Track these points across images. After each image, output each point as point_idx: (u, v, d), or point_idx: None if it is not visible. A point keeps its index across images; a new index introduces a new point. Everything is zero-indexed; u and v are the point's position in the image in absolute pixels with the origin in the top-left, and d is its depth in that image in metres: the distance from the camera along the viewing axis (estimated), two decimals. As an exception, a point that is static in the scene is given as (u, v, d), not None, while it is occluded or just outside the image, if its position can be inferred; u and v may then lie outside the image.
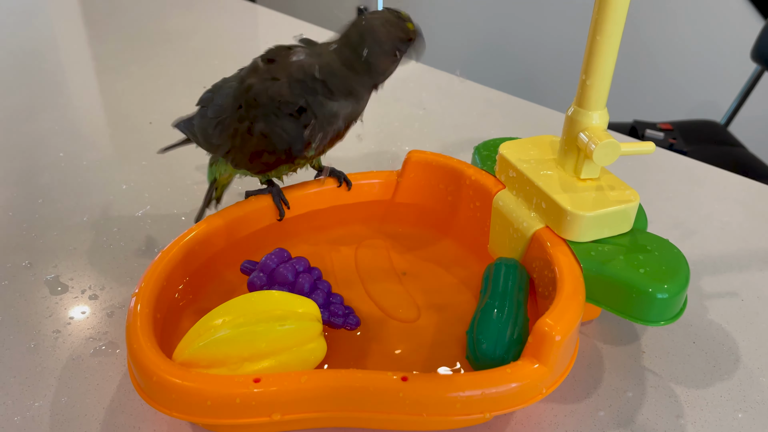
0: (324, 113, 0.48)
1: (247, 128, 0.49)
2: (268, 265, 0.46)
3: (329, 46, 0.48)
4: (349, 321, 0.46)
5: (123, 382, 0.45)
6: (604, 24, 0.42)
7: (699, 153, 1.39)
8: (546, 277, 0.46)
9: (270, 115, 0.48)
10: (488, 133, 0.81)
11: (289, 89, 0.47)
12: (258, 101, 0.48)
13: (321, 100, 0.48)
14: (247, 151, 0.50)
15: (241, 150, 0.50)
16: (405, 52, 0.48)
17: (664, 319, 0.43)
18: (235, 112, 0.49)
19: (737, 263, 0.58)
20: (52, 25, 1.20)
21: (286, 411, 0.37)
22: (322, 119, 0.48)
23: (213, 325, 0.40)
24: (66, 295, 0.53)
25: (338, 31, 0.49)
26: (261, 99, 0.48)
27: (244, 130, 0.49)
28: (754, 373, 0.47)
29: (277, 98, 0.47)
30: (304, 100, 0.47)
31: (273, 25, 1.19)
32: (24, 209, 0.64)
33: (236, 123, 0.49)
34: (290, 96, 0.47)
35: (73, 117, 0.84)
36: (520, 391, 0.38)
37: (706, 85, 1.94)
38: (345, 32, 0.48)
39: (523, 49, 2.34)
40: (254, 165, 0.51)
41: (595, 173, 0.48)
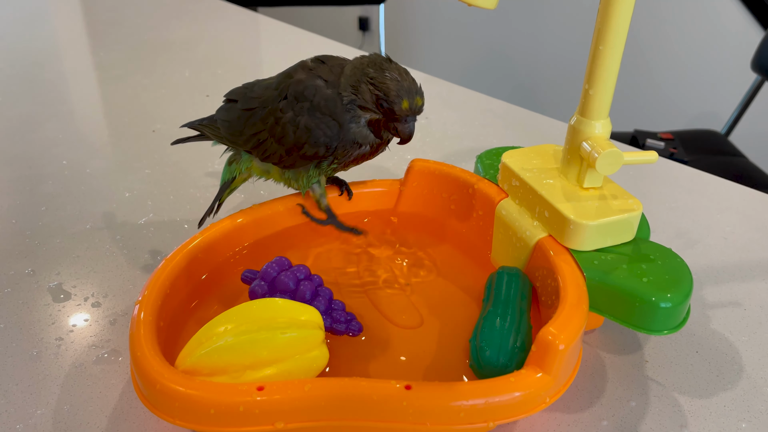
0: (346, 131, 0.49)
1: (291, 119, 0.49)
2: (269, 273, 0.47)
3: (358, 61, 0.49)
4: (351, 327, 0.46)
5: (126, 389, 0.45)
6: (607, 34, 0.42)
7: (699, 162, 1.39)
8: (549, 286, 0.46)
9: (315, 111, 0.48)
10: (490, 143, 0.81)
11: (325, 102, 0.48)
12: (306, 96, 0.48)
13: (346, 117, 0.49)
14: (287, 141, 0.50)
15: (279, 140, 0.50)
16: (385, 113, 0.48)
17: (668, 329, 0.43)
18: (278, 102, 0.50)
19: (740, 273, 0.58)
20: (56, 34, 1.21)
21: (289, 419, 0.37)
22: (348, 134, 0.49)
23: (215, 332, 0.40)
24: (69, 303, 0.53)
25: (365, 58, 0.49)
26: (308, 94, 0.48)
27: (287, 120, 0.49)
28: (757, 383, 0.47)
29: (322, 104, 0.48)
30: (337, 117, 0.48)
31: (275, 34, 1.20)
32: (27, 217, 0.64)
33: (279, 113, 0.49)
34: (326, 109, 0.48)
35: (77, 125, 0.84)
36: (523, 400, 0.38)
37: (706, 95, 1.95)
38: (373, 58, 0.48)
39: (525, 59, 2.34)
40: (290, 158, 0.50)
41: (598, 182, 0.48)
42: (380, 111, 0.48)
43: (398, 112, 0.47)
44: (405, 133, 0.48)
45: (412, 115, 0.48)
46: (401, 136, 0.48)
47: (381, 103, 0.47)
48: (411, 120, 0.48)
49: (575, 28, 2.13)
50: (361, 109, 0.48)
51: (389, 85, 0.47)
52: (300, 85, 0.49)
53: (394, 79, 0.47)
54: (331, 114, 0.48)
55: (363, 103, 0.48)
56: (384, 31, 2.58)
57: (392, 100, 0.47)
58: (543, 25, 2.24)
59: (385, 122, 0.48)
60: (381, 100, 0.47)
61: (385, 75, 0.47)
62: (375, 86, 0.47)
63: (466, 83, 0.99)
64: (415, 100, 0.47)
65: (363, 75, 0.47)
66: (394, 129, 0.49)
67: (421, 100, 0.48)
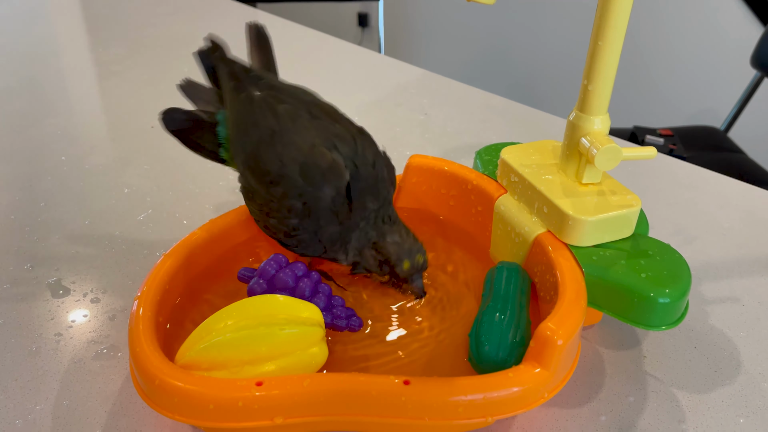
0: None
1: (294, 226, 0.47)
2: (267, 271, 0.46)
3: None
4: (352, 323, 0.46)
5: (125, 385, 0.45)
6: (606, 29, 0.42)
7: (699, 159, 1.39)
8: (548, 281, 0.46)
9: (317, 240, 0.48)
10: (490, 139, 0.81)
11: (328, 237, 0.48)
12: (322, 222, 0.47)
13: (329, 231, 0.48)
14: (270, 226, 0.49)
15: (266, 214, 0.48)
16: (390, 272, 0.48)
17: (666, 324, 0.43)
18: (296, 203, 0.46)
19: (738, 269, 0.58)
20: (55, 30, 1.21)
21: (288, 414, 0.37)
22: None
23: (215, 328, 0.40)
24: (68, 299, 0.53)
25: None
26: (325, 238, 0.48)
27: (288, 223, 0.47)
28: (755, 378, 0.47)
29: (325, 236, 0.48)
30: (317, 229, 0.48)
31: (274, 30, 1.20)
32: (26, 213, 0.64)
33: (287, 211, 0.47)
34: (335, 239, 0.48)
35: (75, 121, 0.84)
36: (521, 395, 0.38)
37: (706, 92, 1.95)
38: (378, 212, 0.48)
39: (525, 55, 2.34)
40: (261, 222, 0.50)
41: (597, 178, 0.48)
42: (384, 273, 0.49)
43: (401, 274, 0.48)
44: (416, 291, 0.49)
45: (417, 273, 0.49)
46: (413, 293, 0.50)
47: (383, 267, 0.48)
48: (417, 277, 0.49)
49: (575, 24, 2.13)
50: (367, 271, 0.49)
51: (389, 249, 0.47)
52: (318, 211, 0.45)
53: (394, 243, 0.47)
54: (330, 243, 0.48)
55: (368, 266, 0.49)
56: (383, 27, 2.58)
57: (393, 263, 0.47)
58: (543, 21, 2.24)
59: (393, 282, 0.49)
60: (383, 264, 0.48)
61: (386, 239, 0.47)
62: (377, 251, 0.48)
63: (465, 79, 0.99)
64: (415, 259, 0.48)
65: (366, 239, 0.48)
66: (403, 288, 0.50)
67: (423, 257, 0.48)
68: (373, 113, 0.87)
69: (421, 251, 0.48)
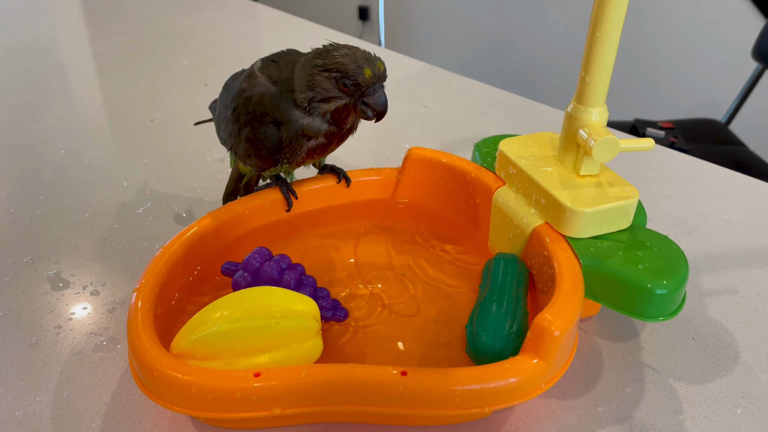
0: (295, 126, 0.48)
1: (238, 131, 0.50)
2: (251, 264, 0.46)
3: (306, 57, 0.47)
4: (337, 313, 0.47)
5: (124, 377, 0.45)
6: (603, 21, 0.42)
7: (700, 151, 1.39)
8: (545, 273, 0.46)
9: (255, 122, 0.48)
10: (489, 131, 0.81)
11: (270, 100, 0.47)
12: (246, 108, 0.48)
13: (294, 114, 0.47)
14: (239, 152, 0.51)
15: (236, 150, 0.52)
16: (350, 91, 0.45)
17: (663, 315, 0.43)
18: (231, 113, 0.50)
19: (737, 260, 0.58)
20: (55, 24, 1.21)
21: (285, 405, 0.37)
22: (294, 132, 0.48)
23: (211, 318, 0.40)
24: (67, 291, 0.53)
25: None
26: (248, 107, 0.48)
27: (236, 132, 0.50)
28: (753, 370, 0.47)
29: (258, 108, 0.48)
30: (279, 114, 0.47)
31: (274, 23, 1.20)
32: (26, 206, 0.64)
33: (231, 124, 0.51)
34: (270, 107, 0.48)
35: (75, 115, 0.84)
36: (519, 385, 0.38)
37: (707, 84, 1.94)
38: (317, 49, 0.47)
39: (525, 48, 2.34)
40: (250, 164, 0.52)
41: (595, 170, 0.48)
42: (345, 92, 0.45)
43: (363, 83, 0.45)
44: (378, 104, 0.46)
45: (379, 83, 0.46)
46: (375, 108, 0.46)
47: (343, 82, 0.45)
48: (379, 88, 0.46)
49: (575, 16, 2.12)
50: (325, 102, 0.46)
51: (343, 61, 0.45)
52: (241, 97, 0.49)
53: (345, 55, 0.45)
54: (272, 112, 0.47)
55: (324, 94, 0.46)
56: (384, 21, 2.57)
57: (352, 75, 0.44)
58: (543, 13, 2.23)
59: (353, 105, 0.46)
60: (342, 80, 0.45)
61: (335, 55, 0.45)
62: (329, 71, 0.45)
63: (465, 72, 0.99)
64: (376, 66, 0.45)
65: (313, 68, 0.46)
66: (364, 107, 0.46)
67: (383, 64, 0.46)
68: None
69: (379, 59, 0.45)
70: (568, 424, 0.42)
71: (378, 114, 0.47)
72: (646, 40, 1.99)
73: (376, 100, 0.46)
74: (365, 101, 0.46)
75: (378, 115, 0.47)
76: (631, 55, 1.99)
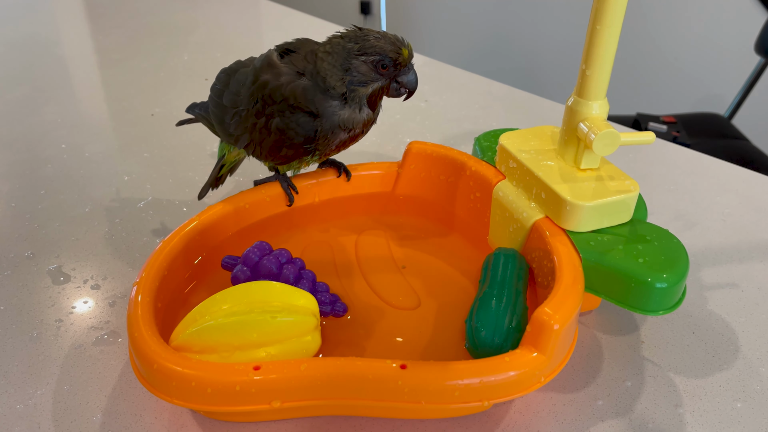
0: (332, 120, 0.49)
1: (265, 123, 0.49)
2: (251, 258, 0.46)
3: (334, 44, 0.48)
4: (336, 308, 0.47)
5: (125, 370, 0.46)
6: (603, 13, 0.42)
7: (702, 146, 1.38)
8: (545, 267, 0.46)
9: (285, 111, 0.48)
10: (490, 125, 0.81)
11: (303, 93, 0.48)
12: (273, 99, 0.48)
13: (331, 106, 0.48)
14: (266, 145, 0.50)
15: (260, 144, 0.51)
16: (388, 72, 0.48)
17: (663, 309, 0.43)
18: (252, 107, 0.50)
19: (738, 254, 0.58)
20: (55, 18, 1.21)
21: (285, 398, 0.37)
22: (330, 125, 0.49)
23: (209, 311, 0.40)
24: (68, 285, 0.53)
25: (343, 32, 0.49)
26: (276, 97, 0.48)
27: (262, 125, 0.49)
28: (753, 363, 0.47)
29: (291, 100, 0.48)
30: (315, 106, 0.48)
31: (275, 17, 1.19)
32: (27, 200, 0.65)
33: (254, 118, 0.50)
34: (303, 100, 0.48)
35: (76, 109, 0.84)
36: (518, 379, 0.38)
37: (709, 79, 1.94)
38: (343, 34, 0.48)
39: (526, 42, 2.33)
40: (275, 159, 0.51)
41: (595, 163, 0.48)
42: (383, 73, 0.48)
43: (402, 62, 0.47)
44: (411, 82, 0.49)
45: (410, 63, 0.48)
46: (408, 86, 0.49)
47: (382, 64, 0.47)
48: (411, 67, 0.48)
49: (576, 10, 2.11)
50: (362, 85, 0.48)
51: (381, 45, 0.47)
52: (266, 89, 0.48)
53: (380, 38, 0.47)
54: (307, 105, 0.48)
55: (361, 78, 0.47)
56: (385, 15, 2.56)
57: (393, 56, 0.47)
58: (544, 7, 2.22)
59: (387, 87, 0.49)
60: (381, 62, 0.47)
61: (370, 39, 0.47)
62: (366, 54, 0.47)
63: (467, 66, 0.99)
64: (408, 46, 0.48)
65: (348, 53, 0.47)
66: (396, 85, 0.49)
67: (411, 45, 0.49)
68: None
69: (406, 40, 0.48)
70: (568, 418, 0.42)
71: (409, 92, 0.50)
72: (648, 35, 1.98)
73: (409, 79, 0.49)
74: (398, 80, 0.49)
75: (409, 92, 0.50)
76: (633, 49, 1.98)
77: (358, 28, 0.48)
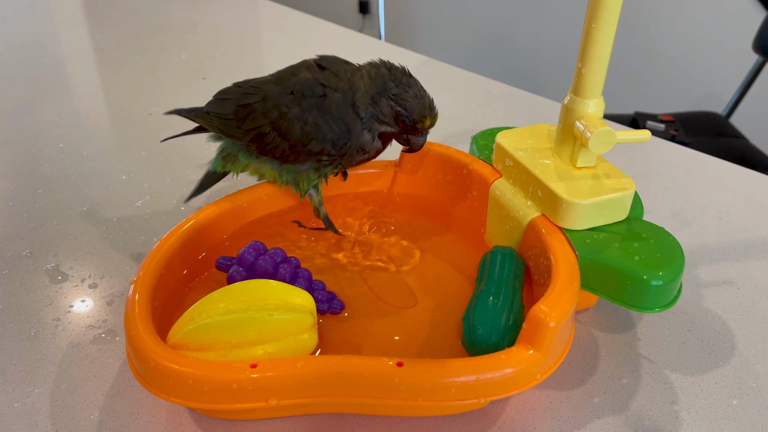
0: (356, 141, 0.50)
1: (298, 115, 0.49)
2: (246, 258, 0.47)
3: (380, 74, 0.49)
4: (333, 306, 0.47)
5: (122, 369, 0.46)
6: (599, 12, 0.42)
7: (700, 144, 1.39)
8: (542, 264, 0.46)
9: (324, 111, 0.49)
10: (488, 124, 0.81)
11: (338, 107, 0.49)
12: (315, 93, 0.49)
13: (357, 126, 0.49)
14: (292, 136, 0.49)
15: (283, 135, 0.50)
16: (404, 127, 0.49)
17: (659, 306, 0.43)
18: (283, 98, 0.49)
19: (735, 252, 0.58)
20: (53, 16, 1.20)
21: (282, 396, 0.38)
22: (357, 141, 0.50)
23: (206, 309, 0.40)
24: (66, 284, 0.53)
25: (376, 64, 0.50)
26: (318, 91, 0.49)
27: (294, 116, 0.49)
28: (749, 361, 0.47)
29: (332, 106, 0.49)
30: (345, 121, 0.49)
31: (273, 17, 1.20)
32: (24, 199, 0.65)
33: (285, 108, 0.49)
34: (337, 111, 0.49)
35: (74, 108, 0.84)
36: (514, 376, 0.38)
37: (707, 77, 1.94)
38: (393, 68, 0.49)
39: (523, 41, 2.33)
40: (293, 153, 0.50)
41: (591, 162, 0.48)
42: (399, 126, 0.49)
43: (420, 128, 0.49)
44: (417, 145, 0.50)
45: (427, 130, 0.50)
46: (414, 146, 0.50)
47: (403, 119, 0.48)
48: (425, 134, 0.50)
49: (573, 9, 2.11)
50: (378, 122, 0.49)
51: (413, 104, 0.48)
52: (307, 83, 0.49)
53: (416, 97, 0.48)
54: (341, 118, 0.49)
55: (381, 117, 0.49)
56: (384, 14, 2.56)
57: (416, 119, 0.48)
58: (541, 6, 2.22)
59: (398, 134, 0.50)
60: (403, 117, 0.48)
61: (408, 93, 0.48)
62: (397, 103, 0.48)
63: (464, 65, 0.99)
64: (434, 117, 0.49)
65: (384, 90, 0.48)
66: (406, 140, 0.51)
67: (437, 116, 0.50)
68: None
69: (436, 110, 0.49)
70: (564, 415, 0.43)
71: (412, 151, 0.52)
72: (646, 33, 1.98)
73: (418, 141, 0.51)
74: (408, 137, 0.51)
75: (412, 151, 0.52)
76: (631, 48, 1.99)
77: (409, 74, 0.49)
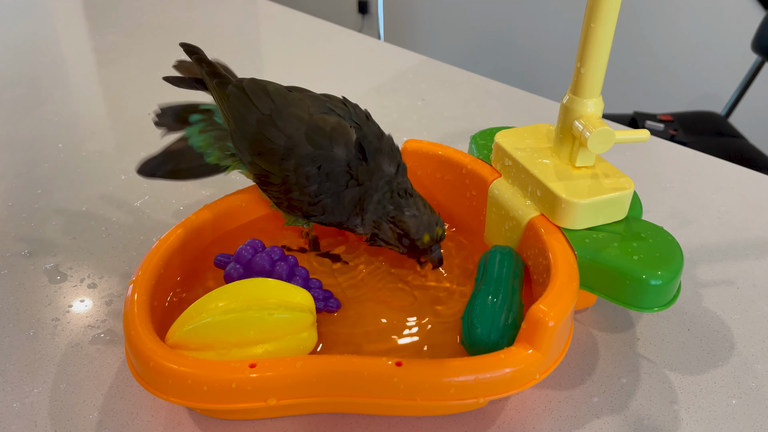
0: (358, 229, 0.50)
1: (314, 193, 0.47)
2: (243, 255, 0.47)
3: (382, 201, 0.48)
4: (329, 304, 0.47)
5: (121, 369, 0.46)
6: (598, 11, 0.42)
7: (699, 144, 1.39)
8: (541, 264, 0.46)
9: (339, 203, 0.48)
10: (487, 124, 0.81)
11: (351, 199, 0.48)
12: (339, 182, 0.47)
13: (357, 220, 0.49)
14: (295, 202, 0.48)
15: (286, 192, 0.48)
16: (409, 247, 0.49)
17: (658, 306, 0.43)
18: (306, 168, 0.46)
19: (734, 252, 0.58)
20: (53, 17, 1.20)
21: (281, 396, 0.38)
22: (354, 225, 0.49)
23: (205, 308, 0.40)
24: (65, 284, 0.53)
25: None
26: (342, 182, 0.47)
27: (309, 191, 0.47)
28: (748, 360, 0.47)
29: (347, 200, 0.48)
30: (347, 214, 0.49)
31: (273, 17, 1.19)
32: (24, 199, 0.65)
33: (304, 179, 0.47)
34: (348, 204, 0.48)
35: (72, 108, 0.84)
36: (513, 376, 0.38)
37: (706, 77, 1.94)
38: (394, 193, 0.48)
39: (522, 40, 2.33)
40: (289, 209, 0.49)
41: (590, 161, 0.48)
42: (405, 246, 0.49)
43: (421, 246, 0.48)
44: (434, 260, 0.49)
45: (435, 244, 0.49)
46: (431, 262, 0.50)
47: (403, 240, 0.48)
48: (436, 248, 0.49)
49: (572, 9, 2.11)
50: (384, 242, 0.49)
51: (409, 223, 0.47)
52: (337, 168, 0.46)
53: (413, 216, 0.48)
54: (348, 210, 0.48)
55: (386, 239, 0.49)
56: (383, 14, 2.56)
57: (413, 237, 0.48)
58: (541, 6, 2.22)
59: (409, 253, 0.49)
60: (403, 237, 0.48)
61: (405, 213, 0.47)
62: (395, 225, 0.48)
63: (464, 65, 0.99)
64: (435, 232, 0.48)
65: (384, 213, 0.48)
66: (421, 263, 0.51)
67: (441, 229, 0.49)
68: (371, 99, 0.87)
69: (440, 223, 0.49)
70: (564, 415, 0.43)
71: (433, 267, 0.51)
72: (646, 33, 1.98)
73: (432, 258, 0.49)
74: (420, 259, 0.50)
75: (433, 267, 0.51)
76: (631, 48, 1.99)
77: (410, 194, 0.48)
